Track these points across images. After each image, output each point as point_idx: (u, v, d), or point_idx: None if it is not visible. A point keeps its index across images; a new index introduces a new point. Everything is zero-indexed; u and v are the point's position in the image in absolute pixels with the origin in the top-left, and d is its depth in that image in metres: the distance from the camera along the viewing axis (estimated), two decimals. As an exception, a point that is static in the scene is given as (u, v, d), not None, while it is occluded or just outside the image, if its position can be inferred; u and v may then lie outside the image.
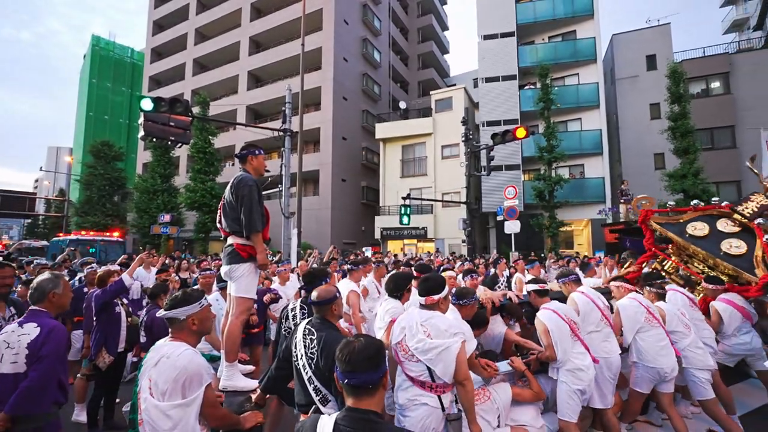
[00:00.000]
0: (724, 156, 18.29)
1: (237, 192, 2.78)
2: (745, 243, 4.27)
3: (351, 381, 1.30)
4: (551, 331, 2.92)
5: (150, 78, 32.32)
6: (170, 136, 8.80)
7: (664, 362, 3.25)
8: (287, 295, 5.46)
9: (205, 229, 19.44)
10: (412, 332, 2.21)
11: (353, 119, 24.51)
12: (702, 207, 5.04)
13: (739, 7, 31.16)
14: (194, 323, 1.90)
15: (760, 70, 18.70)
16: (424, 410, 2.11)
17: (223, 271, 2.90)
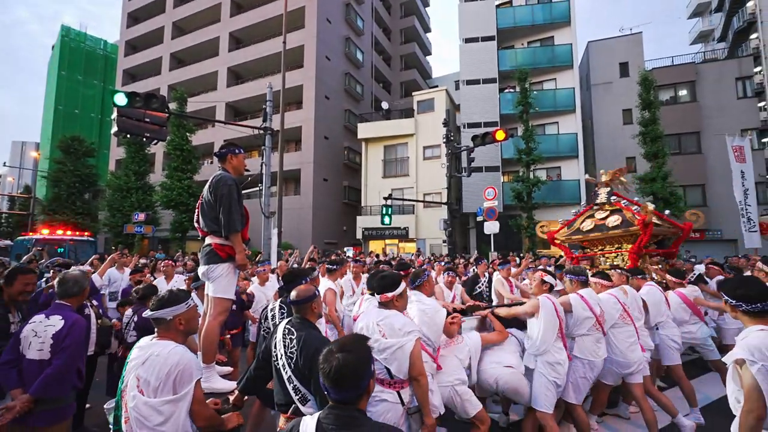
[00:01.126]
0: (690, 161, 19.21)
1: (216, 191, 2.74)
2: (618, 216, 5.66)
3: (332, 395, 1.30)
4: (542, 314, 3.13)
5: (124, 72, 31.19)
6: (145, 133, 8.53)
7: (631, 357, 3.46)
8: (267, 296, 5.41)
9: (182, 228, 18.93)
10: (369, 332, 2.27)
11: (335, 118, 24.39)
12: (579, 213, 6.47)
13: (705, 19, 32.80)
14: (181, 323, 1.92)
15: (723, 80, 19.76)
16: (384, 406, 2.17)
17: (200, 271, 2.85)
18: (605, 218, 5.76)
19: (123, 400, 1.78)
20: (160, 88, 27.10)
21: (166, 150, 20.32)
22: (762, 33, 23.85)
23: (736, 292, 2.02)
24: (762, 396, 1.77)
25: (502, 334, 3.32)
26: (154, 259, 9.10)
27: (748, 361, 1.82)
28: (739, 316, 2.05)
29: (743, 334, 1.98)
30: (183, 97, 19.86)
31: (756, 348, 1.83)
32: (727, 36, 28.45)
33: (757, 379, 1.78)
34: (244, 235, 2.85)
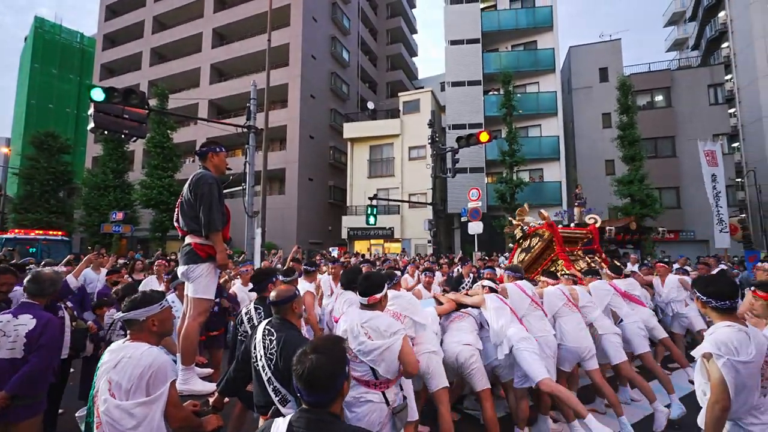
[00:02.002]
0: (665, 164, 19.90)
1: (196, 190, 2.70)
2: (537, 237, 6.55)
3: (304, 397, 1.29)
4: (487, 304, 3.52)
5: (102, 66, 30.24)
6: (124, 130, 8.28)
7: (582, 342, 3.70)
8: (250, 297, 5.33)
9: (162, 228, 18.49)
10: (354, 334, 2.26)
11: (321, 118, 24.25)
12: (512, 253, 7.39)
13: (680, 28, 34.02)
14: (154, 324, 1.88)
15: (697, 86, 20.54)
16: (369, 407, 2.18)
17: (180, 271, 2.81)
18: (529, 245, 6.74)
19: (95, 405, 1.72)
20: (140, 84, 26.39)
21: (145, 147, 19.80)
22: (732, 42, 24.91)
23: (707, 289, 2.10)
24: (727, 388, 1.87)
25: (450, 304, 3.66)
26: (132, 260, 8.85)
27: (714, 355, 1.92)
28: (708, 312, 2.14)
29: (711, 329, 2.08)
30: (164, 93, 19.40)
31: (722, 343, 1.92)
32: (701, 44, 29.60)
33: (723, 372, 1.88)
34: (225, 235, 2.82)
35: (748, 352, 1.90)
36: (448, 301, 3.72)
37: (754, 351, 1.91)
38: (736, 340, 1.91)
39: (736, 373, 1.87)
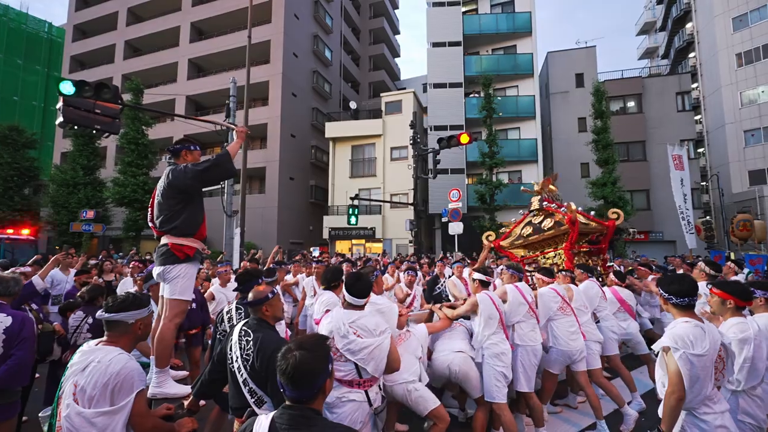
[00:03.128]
0: (636, 167, 20.71)
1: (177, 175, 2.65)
2: (550, 218, 6.23)
3: (287, 393, 1.31)
4: (480, 311, 3.31)
5: (72, 58, 28.96)
6: (95, 125, 7.93)
7: (573, 345, 3.72)
8: (228, 297, 5.26)
9: (136, 227, 17.89)
10: (341, 333, 2.27)
11: (303, 117, 24.01)
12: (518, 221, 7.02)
13: (651, 37, 35.49)
14: (140, 328, 1.86)
15: (666, 93, 21.49)
16: (352, 406, 2.21)
17: (155, 272, 2.74)
18: (540, 222, 6.33)
19: (58, 408, 1.67)
20: (113, 78, 25.42)
21: (119, 143, 19.12)
22: (698, 52, 26.18)
23: (669, 287, 2.23)
24: (682, 379, 1.99)
25: (446, 321, 3.47)
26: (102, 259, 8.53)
27: (672, 348, 2.05)
28: (669, 309, 2.27)
29: (671, 324, 2.21)
30: (139, 88, 18.78)
31: (680, 337, 2.05)
32: (670, 54, 30.97)
33: (679, 364, 2.00)
34: (202, 233, 2.77)
35: (703, 346, 2.02)
36: (443, 318, 3.54)
37: (708, 345, 2.04)
38: (693, 334, 2.04)
39: (690, 365, 2.00)
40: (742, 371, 2.34)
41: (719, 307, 2.53)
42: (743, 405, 2.39)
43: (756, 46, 21.99)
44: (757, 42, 21.92)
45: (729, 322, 2.45)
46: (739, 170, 22.26)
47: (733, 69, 22.79)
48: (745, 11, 22.41)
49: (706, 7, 24.66)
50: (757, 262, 9.46)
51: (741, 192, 21.47)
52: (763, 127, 21.62)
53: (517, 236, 6.69)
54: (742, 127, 22.31)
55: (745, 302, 2.46)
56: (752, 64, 22.11)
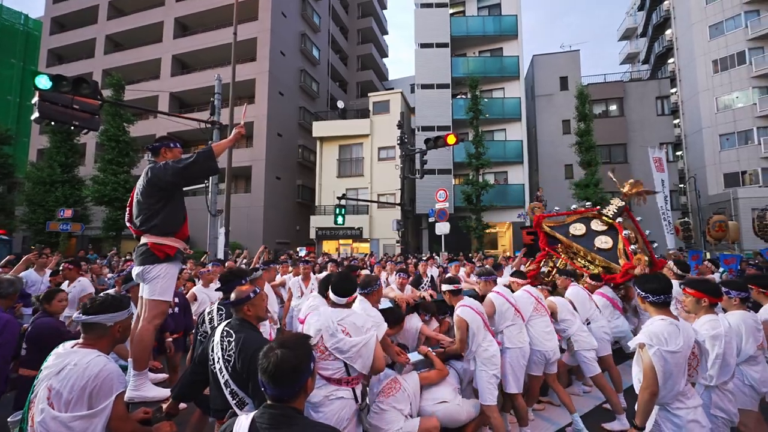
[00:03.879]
0: (618, 169, 21.06)
1: (156, 173, 2.59)
2: (611, 239, 5.17)
3: (268, 392, 1.30)
4: (469, 327, 3.21)
5: (49, 51, 28.03)
6: (73, 121, 7.71)
7: (548, 345, 3.76)
8: (210, 298, 5.17)
9: (117, 226, 17.44)
10: (330, 332, 2.27)
11: (290, 115, 23.80)
12: (579, 210, 5.90)
13: (633, 42, 36.43)
14: (119, 331, 1.81)
15: (646, 98, 22.08)
16: (340, 403, 2.21)
17: (134, 272, 2.67)
18: (598, 233, 5.29)
19: (30, 412, 1.61)
20: (93, 73, 24.71)
21: (99, 141, 18.63)
22: (677, 58, 27.01)
23: (645, 286, 2.31)
24: (656, 375, 2.05)
25: (442, 372, 3.21)
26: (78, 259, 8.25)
27: (647, 345, 2.11)
28: (646, 307, 2.34)
29: (648, 322, 2.27)
30: (120, 83, 18.32)
31: (655, 334, 2.11)
32: (650, 59, 31.88)
33: (653, 360, 2.07)
34: (183, 232, 2.71)
35: (677, 343, 2.09)
36: (440, 369, 3.21)
37: (682, 342, 2.10)
38: (667, 332, 2.11)
39: (664, 361, 2.06)
40: (715, 367, 2.42)
41: (694, 306, 2.61)
42: (716, 400, 2.47)
43: (731, 53, 22.82)
44: (732, 49, 22.74)
45: (702, 320, 2.53)
46: (715, 173, 23.06)
47: (710, 75, 23.59)
48: (721, 19, 23.23)
49: (685, 14, 25.47)
50: (731, 262, 9.81)
51: (717, 194, 22.23)
52: (737, 132, 22.45)
53: (563, 225, 5.68)
54: (718, 131, 23.12)
55: (717, 299, 2.55)
56: (727, 70, 22.94)
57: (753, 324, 2.81)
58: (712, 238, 15.88)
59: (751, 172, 21.87)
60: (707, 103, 23.58)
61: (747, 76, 22.07)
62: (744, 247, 16.61)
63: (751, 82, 21.99)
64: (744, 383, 2.81)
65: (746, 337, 2.77)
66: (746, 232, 15.87)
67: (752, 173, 21.86)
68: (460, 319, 3.26)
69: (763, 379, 2.81)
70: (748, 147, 21.94)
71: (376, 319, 2.65)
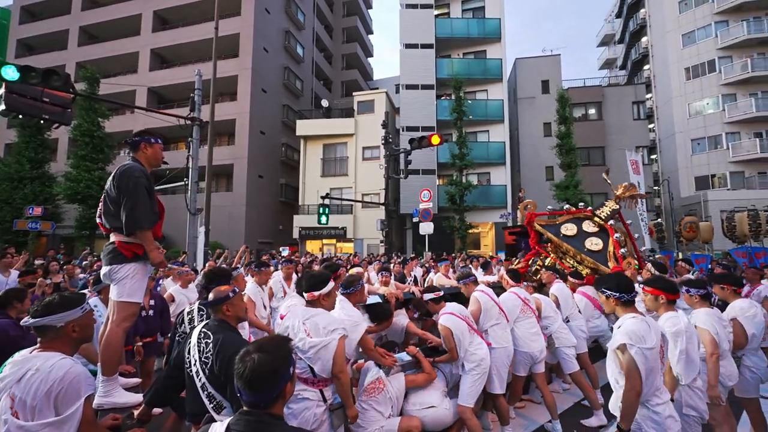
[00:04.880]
0: (596, 171, 21.70)
1: (120, 183, 2.46)
2: (601, 241, 5.21)
3: (244, 398, 1.25)
4: (454, 334, 3.16)
5: (19, 42, 26.78)
6: (44, 114, 7.39)
7: (534, 346, 3.78)
8: (189, 299, 5.03)
9: (90, 225, 16.81)
10: (294, 331, 2.25)
11: (273, 113, 23.46)
12: (572, 211, 5.97)
13: (611, 48, 37.54)
14: (75, 330, 1.69)
15: (623, 102, 22.76)
16: (304, 404, 2.18)
17: (102, 272, 2.54)
18: (590, 234, 5.32)
19: None
20: (66, 65, 23.71)
21: (71, 136, 17.89)
22: (653, 65, 27.98)
23: (610, 285, 2.36)
24: (640, 375, 2.07)
25: (430, 376, 3.15)
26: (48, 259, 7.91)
27: (628, 345, 2.12)
28: (616, 308, 2.37)
29: (619, 322, 2.29)
30: (95, 77, 17.68)
31: (632, 333, 2.14)
32: (627, 65, 32.91)
33: (636, 360, 2.08)
34: (156, 233, 2.60)
35: (651, 338, 2.13)
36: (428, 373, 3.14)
37: (655, 338, 2.15)
38: (641, 329, 2.14)
39: (645, 359, 2.09)
40: (681, 363, 2.45)
41: (653, 303, 2.66)
42: (686, 398, 2.50)
43: (702, 61, 23.78)
44: (703, 57, 23.71)
45: (663, 317, 2.58)
46: (687, 176, 24.00)
47: (682, 82, 24.53)
48: (693, 29, 24.19)
49: (659, 23, 26.41)
50: (702, 262, 10.21)
51: (688, 196, 23.14)
52: (707, 137, 23.43)
53: (554, 225, 5.75)
54: (690, 136, 24.07)
55: (674, 296, 2.60)
56: (699, 78, 23.90)
57: (720, 320, 2.90)
58: (685, 239, 16.48)
59: (720, 175, 22.86)
60: (680, 109, 24.51)
61: (717, 84, 23.05)
62: (714, 247, 17.32)
63: (720, 90, 22.98)
64: None
65: (721, 333, 2.84)
66: (716, 233, 16.54)
67: (721, 177, 22.85)
68: (444, 328, 3.19)
69: (729, 373, 2.91)
70: (718, 151, 22.92)
71: (355, 319, 2.62)
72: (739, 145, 22.28)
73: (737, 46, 22.63)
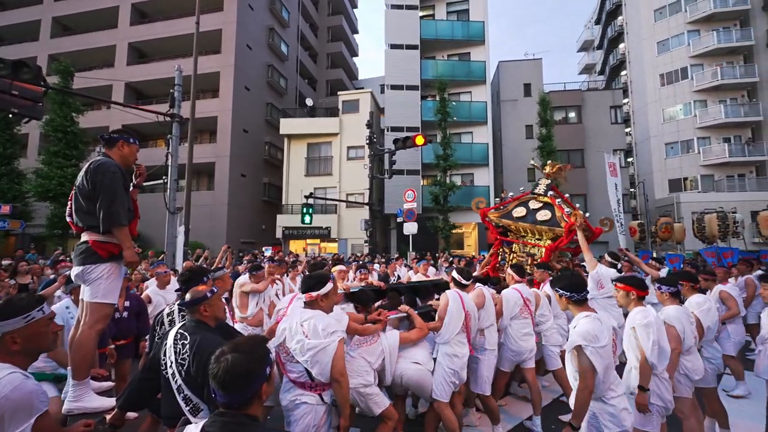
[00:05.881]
0: (576, 174, 22.22)
1: (95, 178, 2.37)
2: (549, 211, 5.72)
3: (218, 399, 1.22)
4: (449, 311, 3.17)
5: (-14, 32, 25.58)
6: (12, 108, 7.07)
7: (524, 346, 3.85)
8: (167, 300, 4.91)
9: (63, 224, 16.17)
10: (292, 333, 2.20)
11: (256, 111, 23.12)
12: (517, 197, 6.45)
13: (590, 54, 38.57)
14: (15, 342, 1.50)
15: (602, 106, 23.42)
16: (304, 408, 2.15)
17: (74, 273, 2.45)
18: (537, 209, 5.83)
19: None
20: (38, 57, 22.78)
21: (43, 131, 17.20)
22: (629, 71, 28.90)
23: (562, 284, 2.43)
24: (595, 374, 2.14)
25: (422, 331, 3.20)
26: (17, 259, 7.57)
27: (583, 345, 2.19)
28: (569, 306, 2.44)
29: (574, 322, 2.36)
30: (68, 70, 17.04)
31: (586, 332, 2.20)
32: (605, 70, 33.89)
33: (592, 359, 2.15)
34: (132, 231, 2.52)
35: (604, 336, 2.21)
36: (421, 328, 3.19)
37: (606, 334, 2.23)
38: (595, 329, 2.21)
39: (600, 357, 2.16)
40: (654, 354, 2.54)
41: (624, 299, 2.77)
42: (654, 388, 2.58)
43: (675, 68, 24.72)
44: (677, 65, 24.65)
45: (634, 311, 2.69)
46: (661, 179, 24.89)
47: (657, 88, 25.43)
48: (667, 37, 25.11)
49: (636, 30, 27.30)
50: (675, 261, 10.61)
51: (662, 198, 24.00)
52: (680, 141, 24.35)
53: (507, 213, 6.17)
54: (664, 140, 24.97)
55: (643, 292, 2.72)
56: (672, 84, 24.83)
57: (687, 317, 3.06)
58: (660, 239, 17.08)
59: (692, 178, 23.80)
60: (655, 114, 25.40)
61: (689, 91, 23.99)
62: (686, 247, 18.01)
63: (692, 96, 23.93)
64: (679, 373, 3.05)
65: (687, 329, 3.00)
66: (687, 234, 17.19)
67: (692, 180, 23.79)
68: (445, 297, 3.25)
69: (695, 368, 3.06)
70: (690, 155, 23.85)
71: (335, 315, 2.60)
72: (710, 149, 23.25)
73: (708, 55, 23.62)
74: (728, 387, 4.76)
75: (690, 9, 24.07)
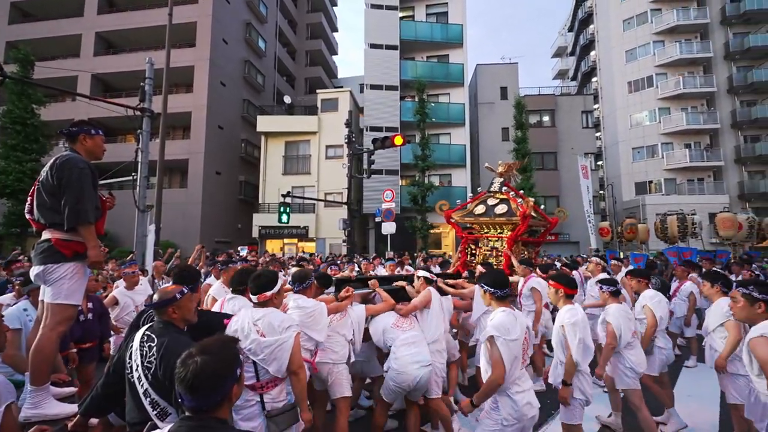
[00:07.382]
0: (549, 175, 23.04)
1: (61, 174, 2.26)
2: (505, 205, 6.27)
3: (185, 403, 1.19)
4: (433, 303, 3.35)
5: (-65, 15, 23.75)
6: (-36, 98, 6.64)
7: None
8: (135, 302, 4.73)
9: (21, 222, 15.29)
10: (245, 333, 2.16)
11: (232, 108, 22.57)
12: (476, 197, 7.01)
13: (563, 60, 39.87)
14: None
15: (574, 111, 24.26)
16: (247, 412, 2.12)
17: (34, 272, 2.32)
18: (495, 205, 6.35)
19: None
20: (-6, 44, 21.43)
21: (1, 123, 16.16)
22: (600, 78, 30.06)
23: (487, 280, 2.56)
24: (503, 364, 2.25)
25: (388, 302, 3.34)
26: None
27: (495, 337, 2.30)
28: (492, 302, 2.55)
29: (492, 315, 2.49)
30: (28, 59, 16.15)
31: (500, 325, 2.33)
32: (578, 76, 35.12)
33: (501, 350, 2.27)
34: (98, 229, 2.42)
35: (515, 331, 2.33)
36: (386, 300, 3.35)
37: (519, 330, 2.35)
38: (508, 322, 2.34)
39: (508, 349, 2.28)
40: (578, 350, 2.65)
41: (554, 297, 2.92)
42: (576, 383, 2.70)
43: (642, 76, 25.92)
44: (643, 73, 25.85)
45: (563, 309, 2.82)
46: (628, 182, 26.06)
47: (625, 95, 26.60)
48: (635, 46, 26.30)
49: (606, 39, 28.45)
50: (640, 260, 11.13)
51: (629, 200, 25.14)
52: (646, 146, 25.57)
53: (469, 212, 6.70)
54: (631, 144, 26.15)
55: (572, 291, 2.88)
56: (639, 91, 26.03)
57: (626, 315, 3.31)
58: (625, 239, 17.87)
59: (656, 181, 25.05)
60: (623, 120, 26.56)
61: (654, 98, 25.23)
62: (650, 247, 18.91)
63: (657, 104, 25.18)
64: (626, 366, 3.26)
65: (624, 326, 3.23)
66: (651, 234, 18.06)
67: (657, 183, 25.04)
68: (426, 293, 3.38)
69: (639, 361, 3.29)
70: (654, 160, 25.08)
71: (311, 306, 2.71)
72: (672, 154, 24.52)
73: (672, 65, 24.90)
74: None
75: (655, 20, 25.30)
